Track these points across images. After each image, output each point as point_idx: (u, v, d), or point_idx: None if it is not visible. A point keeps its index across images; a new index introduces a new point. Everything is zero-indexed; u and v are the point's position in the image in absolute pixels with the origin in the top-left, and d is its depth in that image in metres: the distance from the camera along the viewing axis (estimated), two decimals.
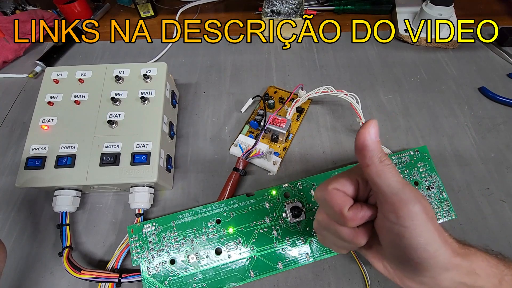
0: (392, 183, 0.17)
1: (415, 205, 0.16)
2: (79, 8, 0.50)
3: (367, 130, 0.17)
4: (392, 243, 0.18)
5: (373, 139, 0.17)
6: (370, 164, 0.17)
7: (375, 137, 0.17)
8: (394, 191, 0.17)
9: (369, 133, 0.17)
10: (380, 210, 0.18)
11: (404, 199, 0.16)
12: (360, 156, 0.18)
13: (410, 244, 0.17)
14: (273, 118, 0.34)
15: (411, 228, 0.16)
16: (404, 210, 0.16)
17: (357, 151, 0.18)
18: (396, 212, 0.16)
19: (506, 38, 0.44)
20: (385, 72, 0.43)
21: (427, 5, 0.43)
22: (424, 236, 0.16)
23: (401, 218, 0.16)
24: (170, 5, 0.54)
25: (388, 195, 0.17)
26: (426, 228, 0.16)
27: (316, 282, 0.28)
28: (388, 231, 0.18)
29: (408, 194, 0.17)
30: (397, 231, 0.17)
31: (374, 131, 0.17)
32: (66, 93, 0.33)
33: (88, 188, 0.31)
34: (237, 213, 0.30)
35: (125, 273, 0.27)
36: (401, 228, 0.17)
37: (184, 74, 0.44)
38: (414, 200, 0.16)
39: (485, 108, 0.39)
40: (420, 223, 0.16)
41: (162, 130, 0.31)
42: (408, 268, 0.18)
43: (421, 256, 0.17)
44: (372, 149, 0.17)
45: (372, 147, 0.17)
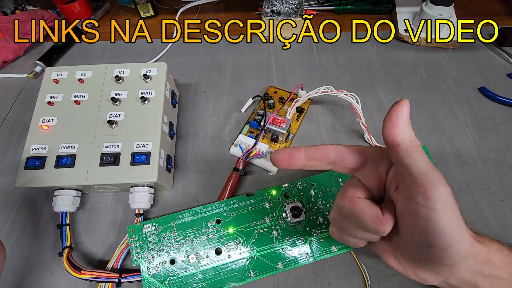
0: (422, 164, 0.16)
1: (445, 188, 0.16)
2: (79, 8, 0.50)
3: (401, 108, 0.17)
4: (416, 228, 0.17)
5: (405, 118, 0.17)
6: (401, 143, 0.17)
7: (407, 117, 0.17)
8: (423, 172, 0.16)
9: (402, 113, 0.17)
10: (405, 193, 0.17)
11: (433, 180, 0.16)
12: (390, 136, 0.17)
13: (436, 228, 0.16)
14: (273, 118, 0.34)
15: (439, 211, 0.16)
16: (434, 191, 0.16)
17: (388, 131, 0.17)
18: (425, 194, 0.16)
19: (506, 38, 0.44)
20: (385, 72, 0.43)
21: (427, 5, 0.43)
22: (451, 220, 0.16)
23: (430, 200, 0.16)
24: (170, 5, 0.54)
25: (418, 176, 0.16)
26: (453, 213, 0.16)
27: (316, 282, 0.28)
28: (412, 215, 0.17)
29: (437, 176, 0.16)
30: (424, 214, 0.16)
31: (406, 111, 0.17)
32: (66, 93, 0.33)
33: (88, 188, 0.31)
34: (237, 213, 0.30)
35: (125, 273, 0.27)
36: (429, 210, 0.16)
37: (184, 74, 0.44)
38: (443, 182, 0.16)
39: (485, 108, 0.39)
40: (448, 207, 0.16)
41: (162, 130, 0.31)
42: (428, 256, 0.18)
43: (446, 241, 0.16)
44: (404, 129, 0.17)
45: (404, 126, 0.17)
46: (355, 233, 0.21)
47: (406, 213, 0.18)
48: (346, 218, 0.20)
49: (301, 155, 0.19)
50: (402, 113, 0.17)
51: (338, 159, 0.20)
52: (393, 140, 0.17)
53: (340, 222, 0.21)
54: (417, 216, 0.16)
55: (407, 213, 0.17)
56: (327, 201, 0.30)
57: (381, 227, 0.18)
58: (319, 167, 0.20)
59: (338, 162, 0.20)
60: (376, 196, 0.20)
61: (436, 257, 0.17)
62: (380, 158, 0.19)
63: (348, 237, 0.22)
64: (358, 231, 0.20)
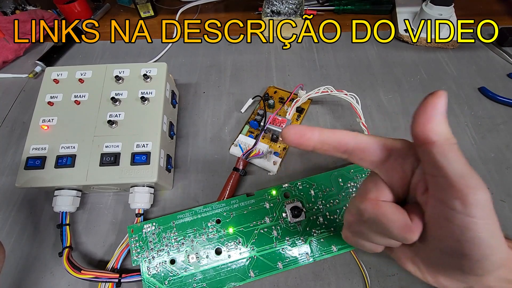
0: (460, 165, 0.14)
1: (485, 193, 0.14)
2: (79, 8, 0.50)
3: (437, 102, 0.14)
4: (448, 236, 0.15)
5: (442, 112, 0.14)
6: (436, 141, 0.14)
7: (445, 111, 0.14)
8: (461, 174, 0.14)
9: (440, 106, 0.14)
10: (436, 197, 0.15)
11: (472, 184, 0.14)
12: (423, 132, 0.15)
13: (473, 237, 0.14)
14: (273, 118, 0.34)
15: (478, 219, 0.14)
16: (472, 197, 0.14)
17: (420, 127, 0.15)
18: (463, 199, 0.14)
19: (506, 38, 0.44)
20: (385, 72, 0.43)
21: (427, 5, 0.43)
22: (490, 229, 0.14)
23: (469, 207, 0.14)
24: (170, 5, 0.54)
25: (455, 179, 0.14)
26: (492, 221, 0.14)
27: (316, 282, 0.28)
28: (446, 222, 0.15)
29: (476, 180, 0.14)
30: (460, 221, 0.14)
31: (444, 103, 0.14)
32: (66, 93, 0.33)
33: (88, 188, 0.31)
34: (237, 213, 0.30)
35: (125, 273, 0.27)
36: (467, 218, 0.14)
37: (184, 74, 0.44)
38: (483, 187, 0.14)
39: (485, 108, 0.39)
40: (487, 214, 0.14)
41: (162, 130, 0.31)
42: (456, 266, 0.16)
43: (482, 252, 0.14)
44: (440, 125, 0.14)
45: (441, 122, 0.14)
46: (375, 239, 0.19)
47: (437, 219, 0.16)
48: (366, 223, 0.18)
49: (313, 136, 0.17)
50: (440, 105, 0.14)
51: (357, 149, 0.17)
52: (426, 136, 0.15)
53: (358, 226, 0.19)
54: (451, 223, 0.15)
55: (439, 219, 0.15)
56: (327, 201, 0.30)
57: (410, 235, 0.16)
58: (332, 153, 0.18)
59: (356, 153, 0.17)
60: (400, 196, 0.18)
61: (467, 267, 0.16)
62: (406, 154, 0.17)
63: (365, 243, 0.20)
64: (379, 237, 0.18)
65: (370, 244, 0.20)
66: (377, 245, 0.20)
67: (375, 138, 0.17)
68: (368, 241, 0.20)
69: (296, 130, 0.17)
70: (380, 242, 0.19)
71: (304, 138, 0.17)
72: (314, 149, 0.17)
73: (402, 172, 0.17)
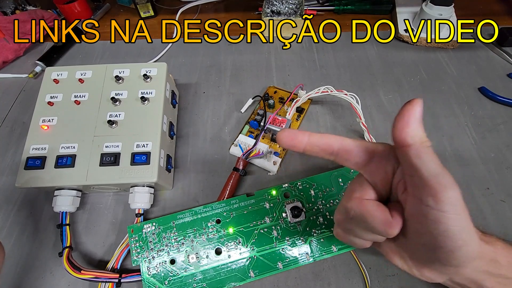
0: (433, 166, 0.16)
1: (455, 190, 0.15)
2: (79, 8, 0.50)
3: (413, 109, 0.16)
4: (424, 230, 0.17)
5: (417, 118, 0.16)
6: (411, 144, 0.16)
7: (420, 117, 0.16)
8: (434, 174, 0.16)
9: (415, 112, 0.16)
10: (414, 195, 0.17)
11: (444, 182, 0.15)
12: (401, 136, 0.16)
13: (445, 231, 0.16)
14: (273, 118, 0.34)
15: (449, 213, 0.15)
16: (444, 194, 0.15)
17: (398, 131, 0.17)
18: (435, 196, 0.15)
19: (506, 38, 0.44)
20: (385, 72, 0.43)
21: (427, 5, 0.43)
22: (460, 223, 0.16)
23: (441, 203, 0.15)
24: (170, 5, 0.54)
25: (428, 178, 0.16)
26: (463, 215, 0.16)
27: (316, 282, 0.28)
28: (422, 217, 0.17)
29: (447, 178, 0.16)
30: (433, 216, 0.16)
31: (420, 111, 0.16)
32: (66, 93, 0.33)
33: (88, 188, 0.31)
34: (237, 213, 0.30)
35: (125, 273, 0.27)
36: (439, 213, 0.16)
37: (184, 74, 0.44)
38: (453, 185, 0.16)
39: (485, 108, 0.39)
40: (458, 209, 0.16)
41: (162, 130, 0.31)
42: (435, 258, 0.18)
43: (455, 244, 0.16)
44: (415, 129, 0.16)
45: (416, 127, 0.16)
46: (362, 235, 0.20)
47: (415, 215, 0.17)
48: (353, 220, 0.20)
49: (304, 139, 0.19)
50: (415, 112, 0.16)
51: (342, 151, 0.19)
52: (403, 140, 0.16)
53: (346, 223, 0.21)
54: (426, 218, 0.16)
55: (416, 215, 0.17)
56: (327, 201, 0.30)
57: (390, 230, 0.18)
58: (320, 155, 0.20)
59: (341, 154, 0.19)
60: (383, 195, 0.20)
61: (444, 258, 0.17)
62: (388, 156, 0.19)
63: (354, 238, 0.22)
64: (365, 233, 0.20)
65: (358, 240, 0.21)
66: (365, 240, 0.21)
67: (359, 141, 0.19)
68: (356, 237, 0.21)
69: (289, 133, 0.19)
70: (367, 237, 0.20)
71: (296, 141, 0.19)
72: (305, 150, 0.19)
73: (384, 173, 0.19)
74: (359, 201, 0.19)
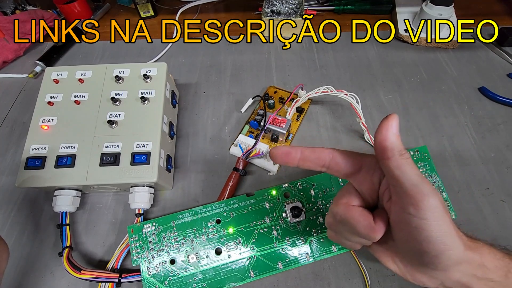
0: (412, 176, 0.17)
1: (435, 198, 0.16)
2: (79, 8, 0.50)
3: (390, 124, 0.18)
4: (409, 237, 0.18)
5: (394, 132, 0.17)
6: (391, 157, 0.17)
7: (397, 131, 0.18)
8: (414, 183, 0.17)
9: (391, 127, 0.17)
10: (397, 204, 0.18)
11: (423, 191, 0.17)
12: (381, 149, 0.18)
13: (428, 236, 0.17)
14: (273, 118, 0.34)
15: (430, 220, 0.16)
16: (424, 202, 0.16)
17: (378, 145, 0.18)
18: (416, 204, 0.17)
19: (506, 38, 0.44)
20: (385, 72, 0.43)
21: (427, 5, 0.43)
22: (442, 229, 0.17)
23: (421, 211, 0.16)
24: (170, 5, 0.54)
25: (408, 187, 0.17)
26: (444, 221, 0.17)
27: (316, 282, 0.28)
28: (405, 225, 0.18)
29: (427, 187, 0.17)
30: (415, 224, 0.17)
31: (396, 125, 0.18)
32: (66, 93, 0.33)
33: (88, 188, 0.31)
34: (237, 213, 0.30)
35: (125, 273, 0.27)
36: (421, 220, 0.17)
37: (184, 74, 0.44)
38: (433, 193, 0.17)
39: (485, 108, 0.39)
40: (438, 216, 0.17)
41: (162, 130, 0.31)
42: (422, 262, 0.19)
43: (438, 249, 0.17)
44: (394, 143, 0.17)
45: (394, 140, 0.17)
46: (350, 238, 0.21)
47: (399, 222, 0.18)
48: (340, 223, 0.21)
49: (297, 155, 0.20)
50: (392, 127, 0.17)
51: (332, 164, 0.20)
52: (382, 155, 0.18)
53: (335, 226, 0.22)
54: (409, 225, 0.17)
55: (400, 222, 0.18)
56: (327, 201, 0.30)
57: (372, 234, 0.19)
58: (313, 168, 0.21)
59: (332, 166, 0.21)
60: (370, 202, 0.21)
61: (430, 262, 0.18)
62: (374, 167, 0.20)
63: (344, 240, 0.23)
64: (352, 236, 0.21)
65: (348, 242, 0.22)
66: (354, 243, 0.22)
67: (348, 153, 0.21)
68: (345, 239, 0.22)
69: (282, 150, 0.21)
70: (354, 240, 0.21)
71: (289, 157, 0.20)
72: (298, 165, 0.21)
73: (371, 183, 0.20)
74: (345, 207, 0.20)
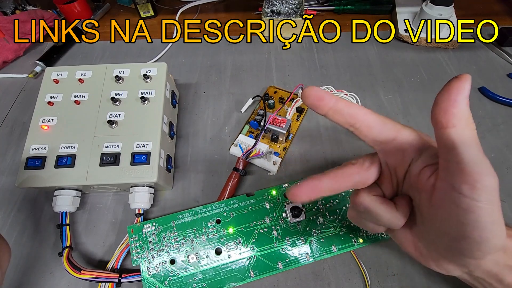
0: (475, 152, 0.14)
1: (494, 179, 0.15)
2: (79, 8, 0.50)
3: (462, 84, 0.14)
4: (453, 219, 0.16)
5: (466, 96, 0.14)
6: (457, 125, 0.15)
7: (468, 96, 0.14)
8: (475, 161, 0.14)
9: (464, 89, 0.14)
10: (445, 181, 0.16)
11: (483, 170, 0.14)
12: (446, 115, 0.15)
13: (476, 221, 0.15)
14: (273, 118, 0.34)
15: (483, 203, 0.14)
16: (482, 182, 0.14)
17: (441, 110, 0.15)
18: (472, 184, 0.14)
19: (506, 38, 0.44)
20: (385, 72, 0.43)
21: (427, 5, 0.43)
22: (494, 214, 0.15)
23: (477, 191, 0.14)
24: (170, 5, 0.54)
25: (468, 164, 0.14)
26: (496, 207, 0.15)
27: (316, 282, 0.28)
28: (452, 205, 0.15)
29: (488, 166, 0.15)
30: (466, 205, 0.15)
31: (469, 88, 0.14)
32: (66, 93, 0.33)
33: (88, 188, 0.31)
34: (237, 213, 0.30)
35: (125, 273, 0.27)
36: (473, 202, 0.15)
37: (184, 74, 0.44)
38: (492, 174, 0.15)
39: (485, 108, 0.39)
40: (493, 200, 0.15)
41: (162, 130, 0.31)
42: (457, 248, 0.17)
43: (483, 235, 0.15)
44: (464, 109, 0.14)
45: (465, 106, 0.14)
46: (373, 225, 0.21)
47: (444, 201, 0.16)
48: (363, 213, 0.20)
49: (330, 102, 0.18)
50: (464, 90, 0.14)
51: (363, 126, 0.18)
52: (448, 121, 0.15)
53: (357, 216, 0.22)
54: (457, 206, 0.15)
55: (446, 202, 0.16)
56: (327, 201, 0.30)
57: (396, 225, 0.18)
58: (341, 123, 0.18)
59: (361, 129, 0.18)
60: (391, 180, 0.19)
61: (467, 249, 0.16)
62: (411, 142, 0.17)
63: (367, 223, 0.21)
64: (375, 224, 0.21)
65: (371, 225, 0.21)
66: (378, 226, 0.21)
67: (384, 120, 0.18)
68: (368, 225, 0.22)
69: (316, 92, 0.18)
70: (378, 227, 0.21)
71: (322, 102, 0.18)
72: (327, 114, 0.18)
73: (402, 158, 0.18)
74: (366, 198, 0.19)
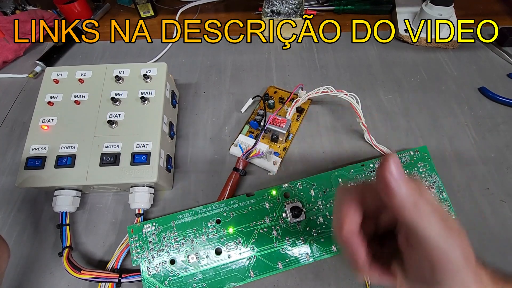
0: (432, 233, 0.14)
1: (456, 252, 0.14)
2: (79, 8, 0.50)
3: (387, 169, 0.14)
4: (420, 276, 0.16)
5: (396, 177, 0.14)
6: (402, 210, 0.14)
7: (399, 174, 0.14)
8: (434, 245, 0.14)
9: (391, 173, 0.14)
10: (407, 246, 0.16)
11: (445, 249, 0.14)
12: (388, 201, 0.14)
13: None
14: (273, 118, 0.34)
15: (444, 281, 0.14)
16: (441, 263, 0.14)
17: (383, 196, 0.14)
18: (433, 267, 0.14)
19: (506, 38, 0.44)
20: (385, 72, 0.43)
21: (427, 5, 0.43)
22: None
23: (437, 273, 0.14)
24: (170, 5, 0.54)
25: (427, 246, 0.14)
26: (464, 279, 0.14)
27: (316, 282, 0.28)
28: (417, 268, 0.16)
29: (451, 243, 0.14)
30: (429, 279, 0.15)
31: (395, 167, 0.14)
32: (66, 93, 0.33)
33: (88, 188, 0.31)
34: (237, 213, 0.30)
35: (125, 273, 0.27)
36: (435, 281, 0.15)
37: (184, 74, 0.44)
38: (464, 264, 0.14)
39: (485, 108, 0.39)
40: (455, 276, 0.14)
41: (162, 130, 0.31)
42: None
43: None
44: (400, 193, 0.14)
45: (398, 189, 0.14)
46: None
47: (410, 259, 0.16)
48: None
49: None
50: (391, 174, 0.14)
51: None
52: (392, 207, 0.15)
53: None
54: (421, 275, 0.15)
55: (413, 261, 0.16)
56: (327, 201, 0.30)
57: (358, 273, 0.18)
58: None
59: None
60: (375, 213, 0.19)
61: None
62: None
63: None
64: None
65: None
66: None
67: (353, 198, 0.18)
68: None
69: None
70: None
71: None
72: None
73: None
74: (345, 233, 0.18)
